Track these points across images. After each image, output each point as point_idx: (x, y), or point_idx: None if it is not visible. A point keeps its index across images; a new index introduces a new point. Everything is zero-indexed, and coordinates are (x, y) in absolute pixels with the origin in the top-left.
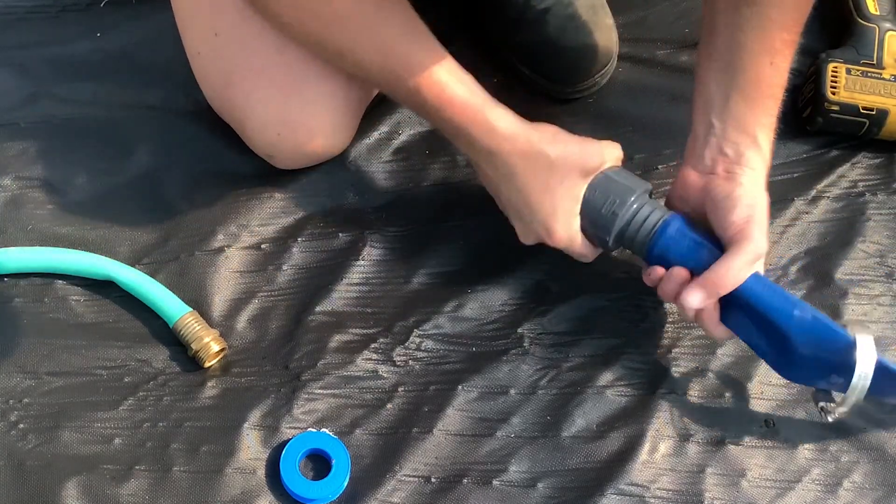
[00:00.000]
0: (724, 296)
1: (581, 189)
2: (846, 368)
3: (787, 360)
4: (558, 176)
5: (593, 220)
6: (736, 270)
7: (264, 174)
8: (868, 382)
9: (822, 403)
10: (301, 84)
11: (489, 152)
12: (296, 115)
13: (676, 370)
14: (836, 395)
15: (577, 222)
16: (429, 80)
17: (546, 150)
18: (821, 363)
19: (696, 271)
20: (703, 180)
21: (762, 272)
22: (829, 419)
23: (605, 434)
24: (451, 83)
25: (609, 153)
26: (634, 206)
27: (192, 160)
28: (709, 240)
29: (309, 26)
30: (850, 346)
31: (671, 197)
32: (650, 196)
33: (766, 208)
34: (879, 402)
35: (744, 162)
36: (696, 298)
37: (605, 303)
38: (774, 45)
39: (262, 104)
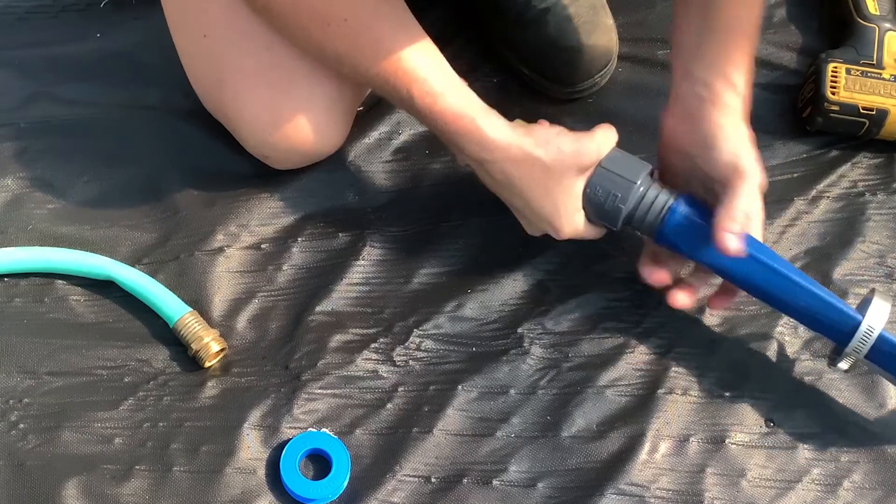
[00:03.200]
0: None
1: (580, 185)
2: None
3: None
4: (555, 178)
5: (598, 213)
6: (744, 205)
7: (264, 174)
8: (871, 338)
9: (832, 355)
10: (291, 82)
11: (482, 161)
12: (287, 114)
13: (676, 370)
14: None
15: (580, 216)
16: (421, 89)
17: (540, 155)
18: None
19: (706, 250)
20: (685, 124)
21: (761, 222)
22: (840, 366)
23: (605, 434)
24: (444, 94)
25: (605, 143)
26: (637, 195)
27: (191, 160)
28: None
29: (310, 31)
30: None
31: (661, 146)
32: (651, 176)
33: (750, 141)
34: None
35: (719, 102)
36: (734, 241)
37: (605, 303)
38: None
39: (252, 104)
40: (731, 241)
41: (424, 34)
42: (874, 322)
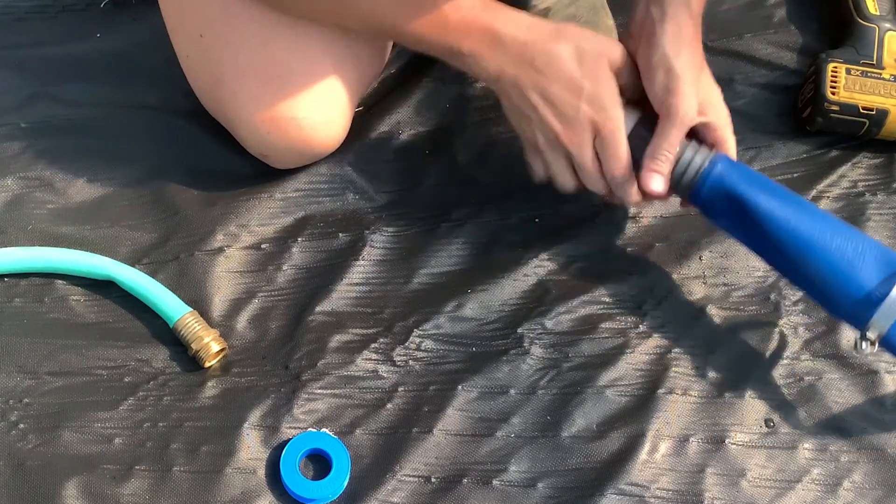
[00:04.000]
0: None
1: (614, 79)
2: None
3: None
4: (591, 58)
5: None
6: (668, 143)
7: (264, 174)
8: None
9: (857, 339)
10: (287, 80)
11: (525, 43)
12: (284, 112)
13: (676, 370)
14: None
15: (619, 110)
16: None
17: (576, 31)
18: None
19: (747, 208)
20: (634, 53)
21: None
22: (865, 349)
23: (605, 434)
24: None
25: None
26: (678, 147)
27: (191, 160)
28: (756, 175)
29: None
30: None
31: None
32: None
33: (690, 65)
34: None
35: (667, 18)
36: (658, 182)
37: (605, 303)
38: None
39: (250, 103)
40: (654, 181)
41: None
42: None
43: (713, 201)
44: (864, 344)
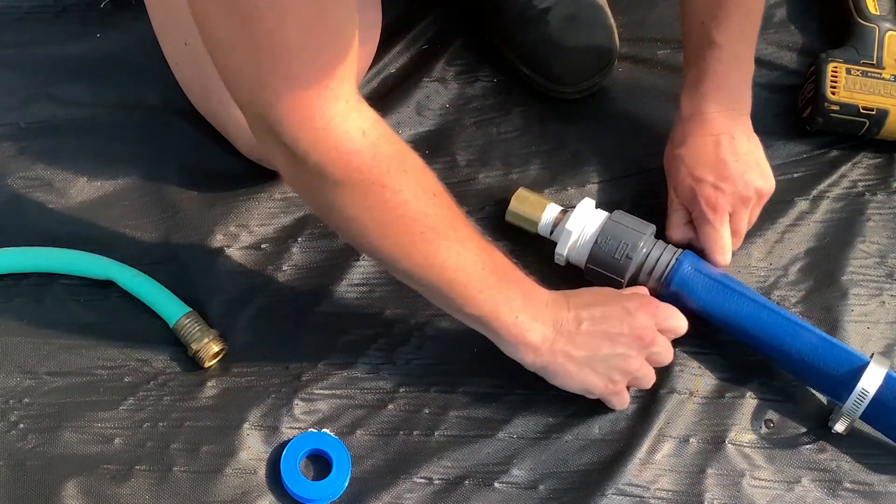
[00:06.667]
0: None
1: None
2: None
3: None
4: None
5: (607, 264)
6: (722, 237)
7: (264, 174)
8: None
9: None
10: None
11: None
12: None
13: (677, 370)
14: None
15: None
16: (480, 311)
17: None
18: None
19: (709, 304)
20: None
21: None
22: (837, 429)
23: (606, 434)
24: (510, 323)
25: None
26: (645, 248)
27: (191, 160)
28: (720, 274)
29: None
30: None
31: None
32: (654, 236)
33: (701, 160)
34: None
35: (677, 120)
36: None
37: None
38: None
39: (238, 110)
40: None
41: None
42: (869, 384)
43: (683, 295)
44: (836, 426)
